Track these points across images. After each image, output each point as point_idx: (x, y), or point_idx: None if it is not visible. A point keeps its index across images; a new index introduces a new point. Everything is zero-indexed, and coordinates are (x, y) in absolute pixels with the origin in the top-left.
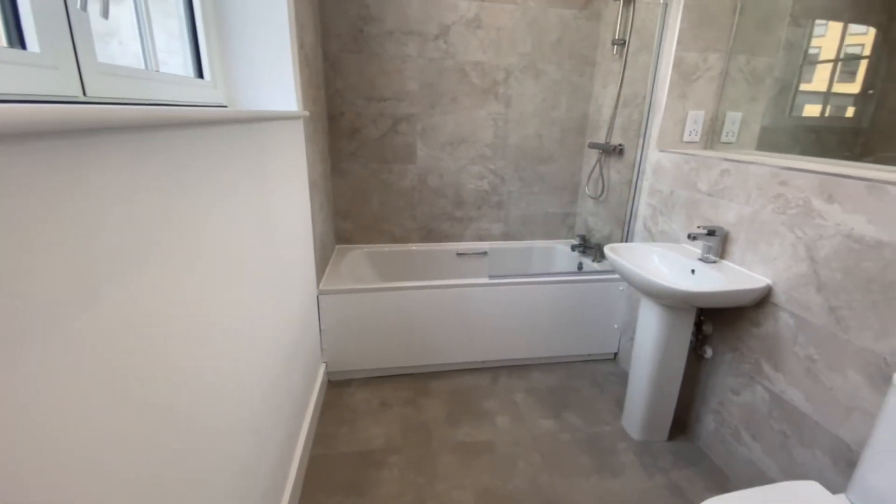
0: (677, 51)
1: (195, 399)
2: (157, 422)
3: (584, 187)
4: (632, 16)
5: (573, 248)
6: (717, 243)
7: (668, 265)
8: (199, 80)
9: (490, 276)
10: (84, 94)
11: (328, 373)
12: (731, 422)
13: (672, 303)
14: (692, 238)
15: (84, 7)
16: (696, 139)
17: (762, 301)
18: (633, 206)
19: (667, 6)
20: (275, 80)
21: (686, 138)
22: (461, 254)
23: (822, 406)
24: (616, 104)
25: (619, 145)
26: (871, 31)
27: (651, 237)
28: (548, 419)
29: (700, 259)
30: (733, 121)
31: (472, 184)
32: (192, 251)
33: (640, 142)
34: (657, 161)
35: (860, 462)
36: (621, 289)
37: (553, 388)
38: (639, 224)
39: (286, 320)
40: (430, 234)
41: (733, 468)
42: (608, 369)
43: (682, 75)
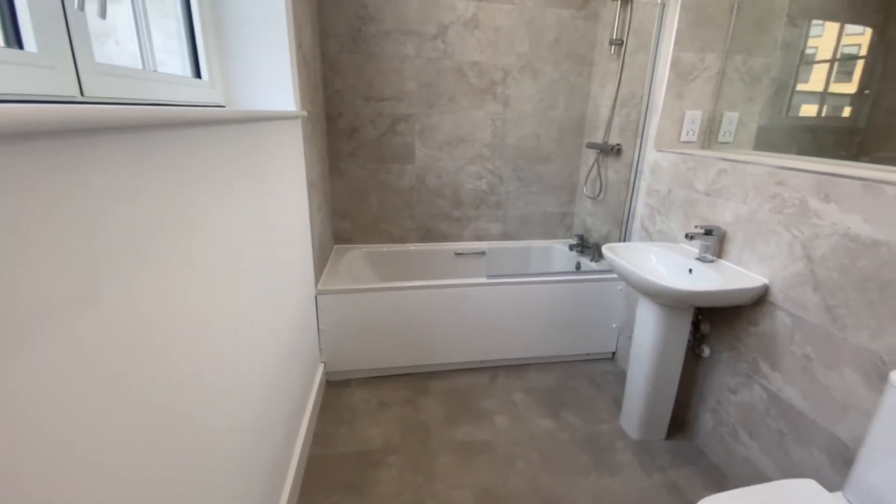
0: (674, 51)
1: (195, 399)
2: (156, 422)
3: (582, 187)
4: (629, 16)
5: (571, 247)
6: (714, 243)
7: (666, 265)
8: (197, 80)
9: (488, 276)
10: (81, 94)
11: (326, 373)
12: (728, 420)
13: (670, 302)
14: (690, 237)
15: (81, 7)
16: (694, 139)
17: (759, 300)
18: (630, 206)
19: (664, 6)
20: (273, 80)
21: (683, 138)
22: (459, 254)
23: (818, 404)
24: (614, 104)
25: (617, 145)
26: (868, 31)
27: (649, 237)
28: (546, 418)
29: (697, 258)
30: (730, 121)
31: (471, 184)
32: (190, 251)
33: (638, 142)
34: (655, 161)
35: (857, 460)
36: (619, 288)
37: (551, 388)
38: (636, 224)
39: (284, 320)
40: (428, 234)
41: (731, 467)
42: (606, 369)
43: (680, 75)
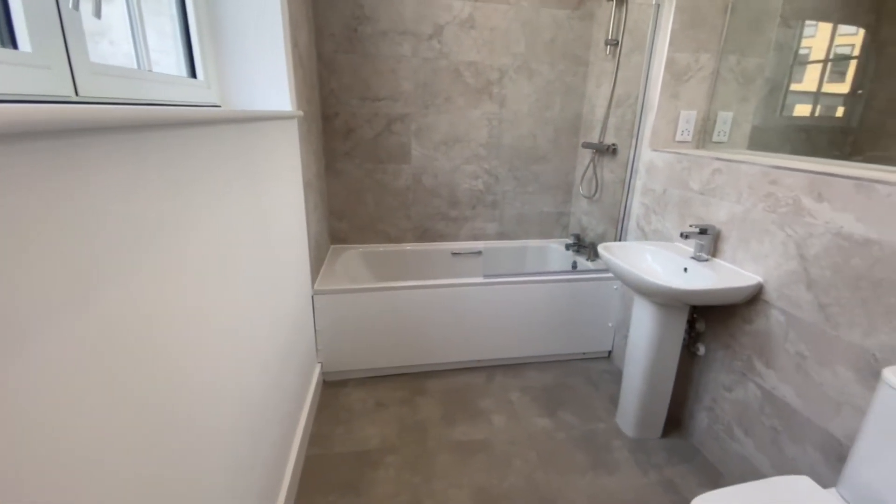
0: (669, 51)
1: (194, 399)
2: (156, 422)
3: (578, 187)
4: (624, 16)
5: (567, 247)
6: (709, 242)
7: (661, 263)
8: (192, 79)
9: (485, 276)
10: (76, 93)
11: (323, 373)
12: (723, 418)
13: (665, 301)
14: (685, 237)
15: (76, 6)
16: (689, 139)
17: (754, 299)
18: (626, 205)
19: (659, 7)
20: (268, 79)
21: (678, 138)
22: (456, 253)
23: (812, 402)
24: (609, 104)
25: (613, 145)
26: (861, 31)
27: (644, 236)
28: (543, 417)
29: (692, 257)
30: (725, 120)
31: (467, 183)
32: (188, 251)
33: (633, 141)
34: (650, 160)
35: (850, 456)
36: (615, 287)
37: (548, 387)
38: (632, 223)
39: (281, 320)
40: (424, 234)
41: (726, 464)
42: (602, 367)
43: (675, 75)
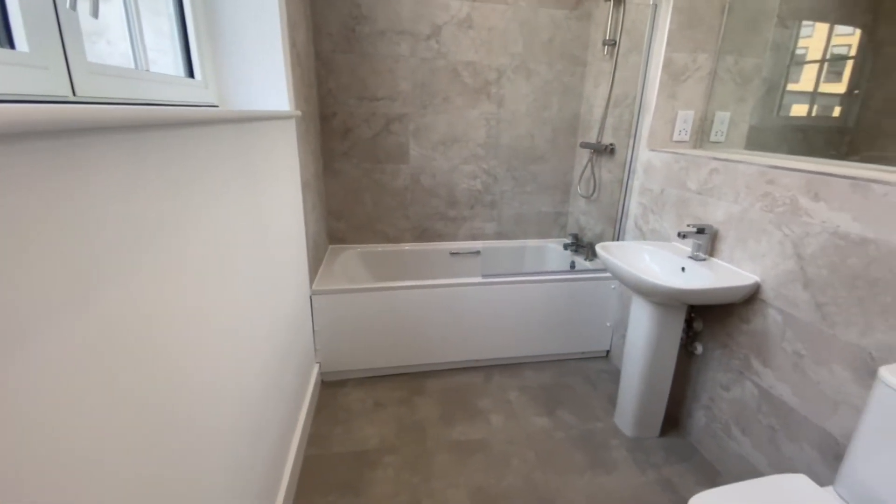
0: (667, 51)
1: (194, 399)
2: (156, 422)
3: (576, 186)
4: (622, 16)
5: (565, 246)
6: (706, 241)
7: (659, 263)
8: (190, 79)
9: (483, 276)
10: (74, 93)
11: (322, 373)
12: (721, 417)
13: (663, 300)
14: (682, 236)
15: (73, 6)
16: (686, 139)
17: (751, 298)
18: (624, 205)
19: (656, 7)
20: (266, 79)
21: (676, 138)
22: (454, 253)
23: (809, 400)
24: (607, 104)
25: (610, 145)
26: (857, 31)
27: (642, 235)
28: (541, 417)
29: (690, 257)
30: (722, 120)
31: (465, 183)
32: (187, 251)
33: (631, 141)
34: (648, 160)
35: (847, 455)
36: (613, 287)
37: (546, 386)
38: (630, 223)
39: (279, 320)
40: (423, 234)
41: (724, 463)
42: (600, 367)
43: (672, 75)
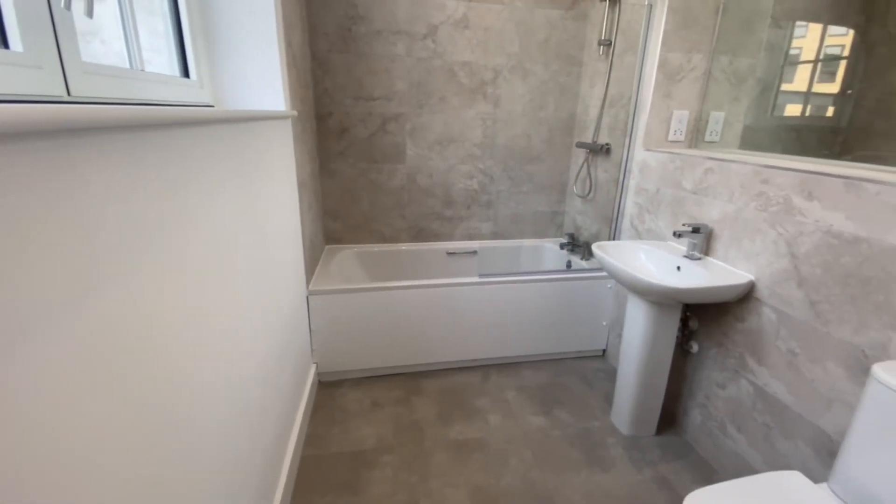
0: (662, 51)
1: (194, 399)
2: (156, 422)
3: (572, 186)
4: (617, 17)
5: (562, 246)
6: (701, 240)
7: (655, 262)
8: (185, 79)
9: (480, 275)
10: (68, 93)
11: (319, 373)
12: (716, 415)
13: (659, 299)
14: (678, 235)
15: (68, 6)
16: (681, 138)
17: (746, 296)
18: (620, 205)
19: (651, 7)
20: (262, 79)
21: (671, 137)
22: (451, 253)
23: (803, 398)
24: (603, 104)
25: (606, 145)
26: (851, 32)
27: (638, 235)
28: (538, 416)
29: (685, 256)
30: (717, 120)
31: (462, 183)
32: (186, 252)
33: (627, 141)
34: (643, 160)
35: (840, 452)
36: (609, 286)
37: (543, 386)
38: (626, 222)
39: (276, 321)
40: (419, 234)
41: (720, 460)
42: (597, 366)
43: (667, 75)
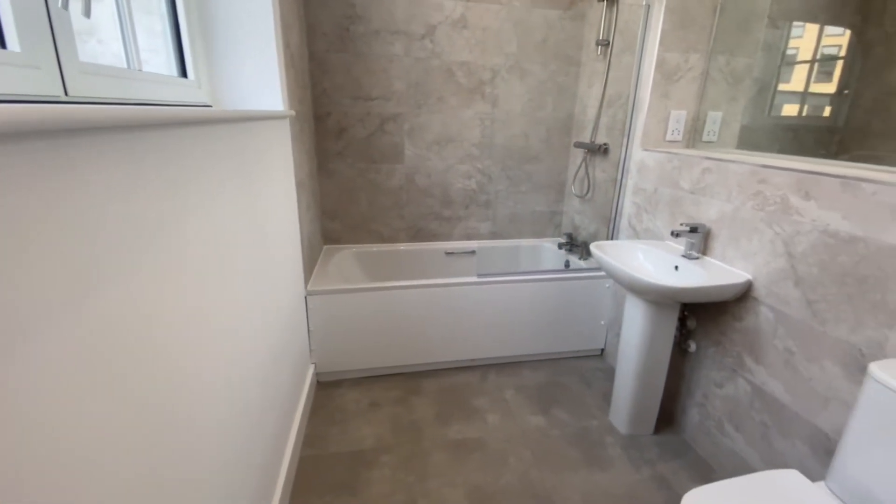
0: (660, 51)
1: (194, 399)
2: (156, 422)
3: (571, 186)
4: (615, 17)
5: (560, 246)
6: (699, 240)
7: (653, 262)
8: (183, 79)
9: (478, 275)
10: (66, 93)
11: (317, 374)
12: (714, 414)
13: (656, 298)
14: (675, 235)
15: (65, 6)
16: (679, 138)
17: (743, 296)
18: (618, 205)
19: (649, 8)
20: (260, 79)
21: (669, 137)
22: (449, 253)
23: (801, 397)
24: (600, 104)
25: (604, 144)
26: (847, 32)
27: (636, 234)
28: (537, 415)
29: (683, 255)
30: (714, 120)
31: (460, 183)
32: (186, 251)
33: (625, 141)
34: (641, 160)
35: (838, 450)
36: (607, 286)
37: (542, 385)
38: (624, 222)
39: (274, 321)
40: (418, 234)
41: (717, 459)
42: (595, 365)
43: (665, 75)
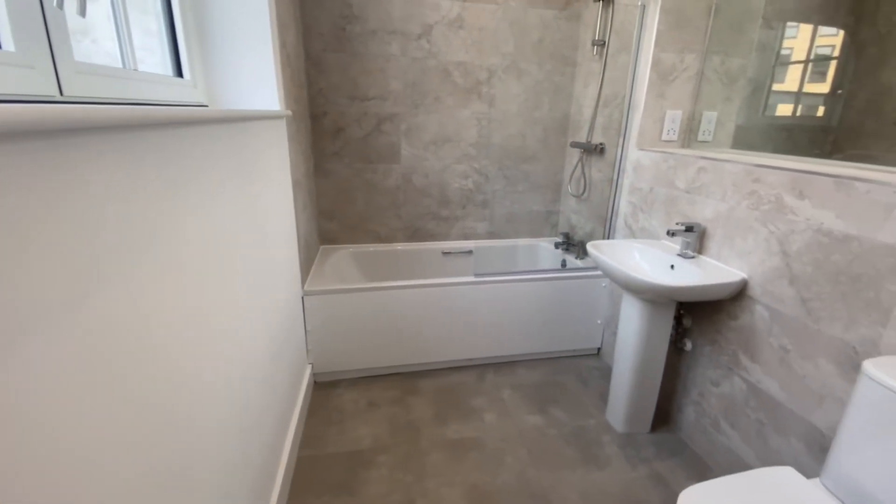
0: (655, 51)
1: (194, 399)
2: (156, 422)
3: (567, 186)
4: (611, 17)
5: (557, 245)
6: (695, 239)
7: (649, 261)
8: (179, 78)
9: (475, 275)
10: (61, 93)
11: (314, 374)
12: (710, 412)
13: (653, 297)
14: (671, 234)
15: (60, 5)
16: (674, 138)
17: (738, 294)
18: (614, 204)
19: (644, 8)
20: (256, 78)
21: (664, 137)
22: (447, 253)
23: (795, 394)
24: (596, 104)
25: (600, 144)
26: (841, 33)
27: (632, 234)
28: (534, 414)
29: (679, 254)
30: (709, 120)
31: (457, 183)
32: (186, 251)
33: (621, 141)
34: (637, 159)
35: (832, 447)
36: (604, 285)
37: (538, 384)
38: (620, 221)
39: (272, 321)
40: (415, 234)
41: (713, 457)
42: (592, 364)
43: (660, 75)
